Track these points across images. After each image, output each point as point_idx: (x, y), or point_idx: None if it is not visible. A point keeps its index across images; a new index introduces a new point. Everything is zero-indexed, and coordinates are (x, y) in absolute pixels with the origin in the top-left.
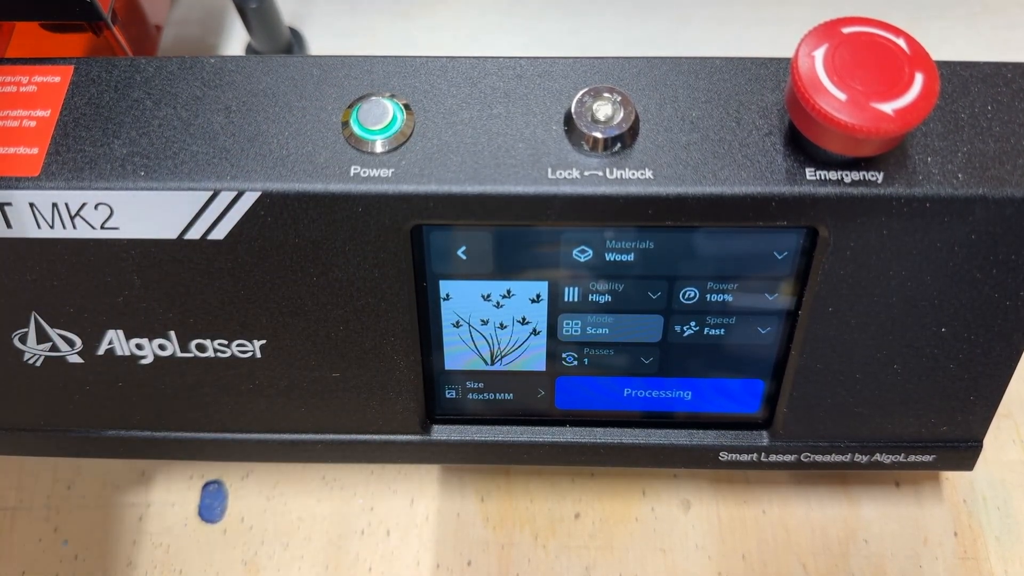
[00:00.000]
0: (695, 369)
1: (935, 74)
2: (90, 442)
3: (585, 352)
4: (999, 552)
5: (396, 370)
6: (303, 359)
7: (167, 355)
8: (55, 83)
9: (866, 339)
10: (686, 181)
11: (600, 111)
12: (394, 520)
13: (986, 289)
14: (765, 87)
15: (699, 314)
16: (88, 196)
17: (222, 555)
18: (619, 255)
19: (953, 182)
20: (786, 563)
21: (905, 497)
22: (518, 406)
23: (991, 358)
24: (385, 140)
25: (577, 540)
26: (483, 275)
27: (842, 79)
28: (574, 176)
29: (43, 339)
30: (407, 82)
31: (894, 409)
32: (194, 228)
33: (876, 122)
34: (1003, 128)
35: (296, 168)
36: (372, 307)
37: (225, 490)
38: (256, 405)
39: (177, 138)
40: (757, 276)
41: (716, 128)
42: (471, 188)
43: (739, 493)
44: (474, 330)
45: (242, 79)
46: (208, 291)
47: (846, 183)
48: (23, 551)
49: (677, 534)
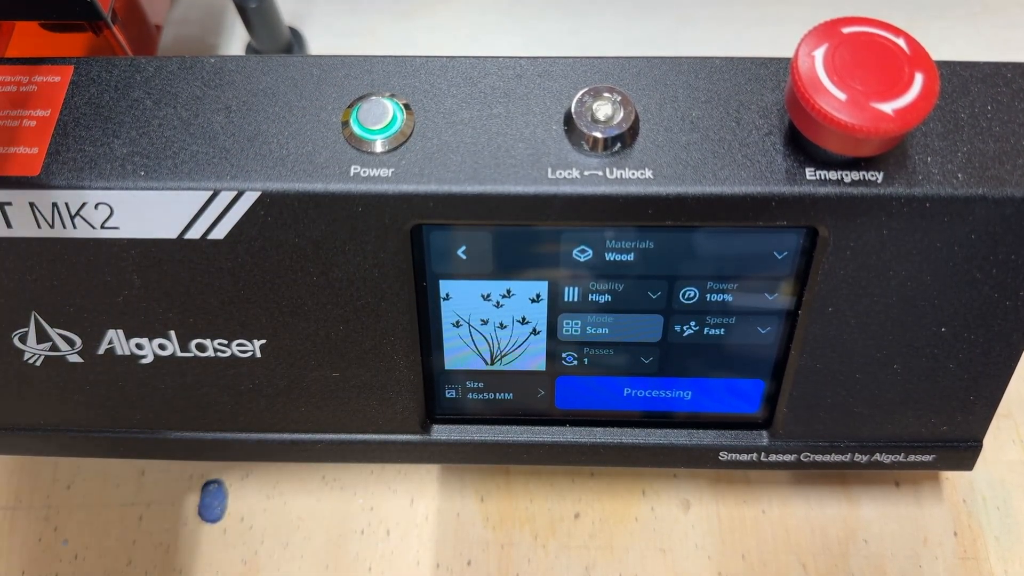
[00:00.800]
0: (695, 369)
1: (935, 74)
2: (90, 442)
3: (585, 352)
4: (999, 552)
5: (396, 370)
6: (303, 359)
7: (167, 355)
8: (55, 83)
9: (866, 339)
10: (686, 181)
11: (600, 111)
12: (394, 520)
13: (986, 289)
14: (765, 87)
15: (699, 314)
16: (88, 196)
17: (222, 555)
18: (619, 255)
19: (953, 182)
20: (786, 563)
21: (905, 497)
22: (518, 406)
23: (991, 358)
24: (385, 140)
25: (577, 540)
26: (483, 275)
27: (842, 79)
28: (574, 176)
29: (43, 339)
30: (407, 82)
31: (894, 409)
32: (194, 228)
33: (876, 122)
34: (1003, 128)
35: (296, 168)
36: (372, 307)
37: (225, 490)
38: (256, 405)
39: (177, 138)
40: (757, 276)
41: (716, 128)
42: (471, 188)
43: (739, 493)
44: (474, 330)
45: (242, 79)
46: (208, 291)
47: (846, 183)
48: (23, 550)
49: (677, 534)
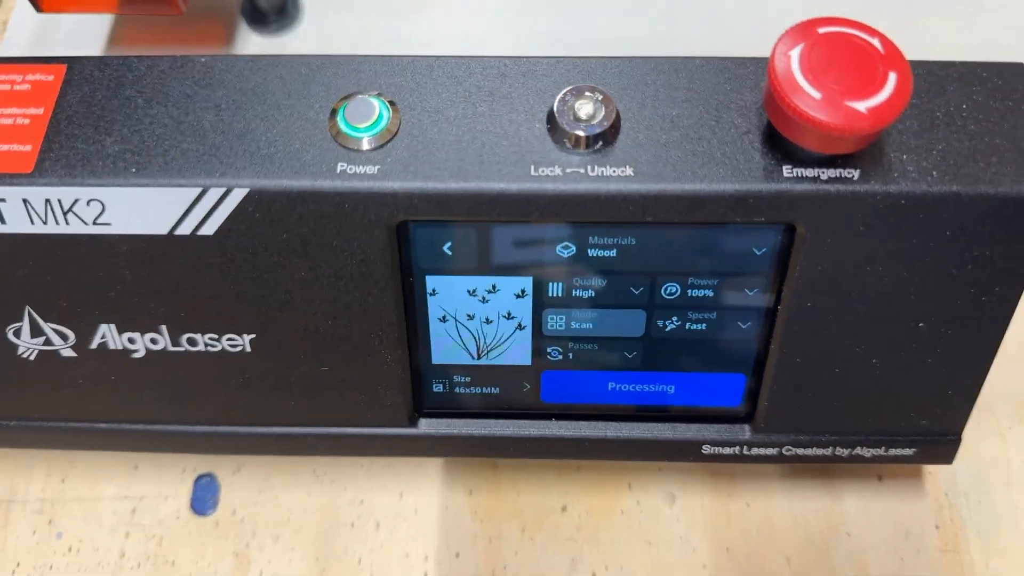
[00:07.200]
0: (678, 363)
1: (908, 73)
2: (83, 435)
3: (570, 346)
4: (979, 545)
5: (383, 364)
6: (292, 353)
7: (159, 349)
8: (48, 82)
9: (845, 334)
10: (666, 178)
11: (582, 109)
12: (383, 513)
13: (962, 284)
14: (744, 86)
15: (681, 309)
16: (81, 192)
17: (214, 547)
18: (601, 251)
19: (928, 179)
20: (769, 556)
21: (887, 491)
22: (504, 400)
23: (968, 353)
24: (371, 138)
25: (564, 532)
26: (468, 271)
27: (817, 78)
28: (556, 173)
29: (37, 333)
30: (393, 81)
31: (874, 403)
32: (184, 224)
33: (850, 120)
34: (977, 127)
35: (284, 165)
36: (359, 302)
37: (217, 483)
38: (246, 398)
39: (168, 136)
40: (736, 272)
41: (696, 126)
42: (456, 185)
43: (723, 486)
44: (460, 325)
45: (232, 78)
46: (198, 286)
47: (822, 180)
48: (17, 544)
49: (662, 527)
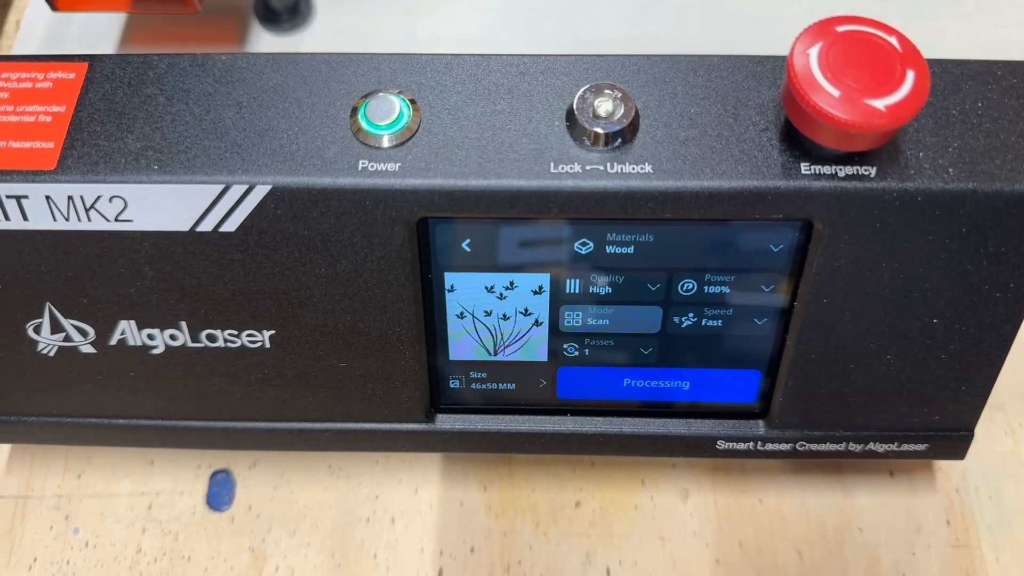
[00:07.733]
0: (693, 360)
1: (926, 71)
2: (101, 431)
3: (586, 343)
4: (990, 540)
5: (401, 360)
6: (311, 349)
7: (178, 345)
8: (70, 79)
9: (860, 330)
10: (684, 175)
11: (601, 107)
12: (398, 508)
13: (977, 281)
14: (762, 84)
15: (697, 306)
16: (103, 189)
17: (230, 542)
18: (619, 248)
19: (944, 176)
20: (782, 551)
21: (899, 486)
22: (520, 396)
23: (982, 349)
24: (392, 135)
25: (577, 528)
26: (487, 267)
27: (836, 76)
28: (576, 170)
29: (57, 329)
30: (413, 79)
31: (887, 399)
32: (206, 221)
33: (868, 117)
34: (993, 124)
35: (305, 162)
36: (378, 298)
37: (233, 479)
38: (264, 394)
39: (189, 133)
40: (753, 268)
41: (714, 124)
42: (475, 182)
43: (736, 482)
44: (478, 321)
45: (252, 76)
46: (219, 282)
47: (840, 177)
48: (35, 539)
49: (675, 522)
